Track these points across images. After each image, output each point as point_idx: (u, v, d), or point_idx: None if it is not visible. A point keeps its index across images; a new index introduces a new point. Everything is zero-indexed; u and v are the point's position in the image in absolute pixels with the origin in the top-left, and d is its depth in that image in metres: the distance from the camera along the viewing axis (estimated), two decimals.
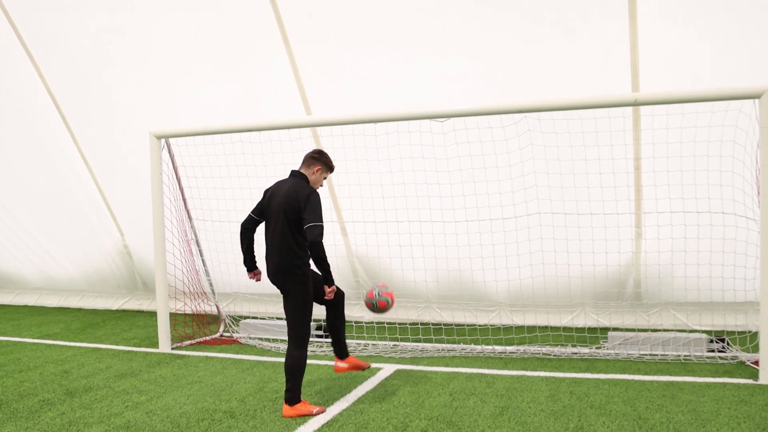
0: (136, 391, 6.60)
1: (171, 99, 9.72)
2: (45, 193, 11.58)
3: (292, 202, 5.72)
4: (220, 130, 8.25)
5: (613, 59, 7.67)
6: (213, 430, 5.35)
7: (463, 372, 6.98)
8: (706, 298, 8.03)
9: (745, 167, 6.99)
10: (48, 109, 10.61)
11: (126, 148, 10.24)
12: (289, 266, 5.74)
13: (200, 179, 9.17)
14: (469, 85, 8.28)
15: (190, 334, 9.20)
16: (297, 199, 5.72)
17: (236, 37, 8.95)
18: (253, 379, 6.92)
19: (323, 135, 8.98)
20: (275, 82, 9.03)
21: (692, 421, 5.22)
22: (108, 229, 11.52)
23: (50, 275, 12.69)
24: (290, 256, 5.74)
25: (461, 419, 5.43)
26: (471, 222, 8.42)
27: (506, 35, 7.94)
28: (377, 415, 5.59)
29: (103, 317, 11.39)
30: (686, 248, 7.70)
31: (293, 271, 5.74)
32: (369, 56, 8.54)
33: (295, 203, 5.71)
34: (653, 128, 7.50)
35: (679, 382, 6.34)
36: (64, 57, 10.08)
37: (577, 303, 8.99)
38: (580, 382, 6.46)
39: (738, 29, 7.24)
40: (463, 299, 9.39)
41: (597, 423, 5.25)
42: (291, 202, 5.73)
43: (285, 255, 5.76)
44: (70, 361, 8.04)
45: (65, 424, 5.59)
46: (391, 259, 9.06)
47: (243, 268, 9.20)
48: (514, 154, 7.95)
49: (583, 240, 8.01)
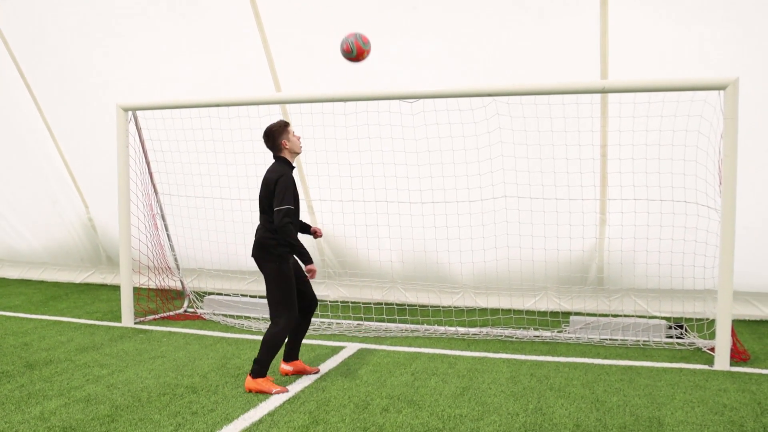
0: (98, 364, 6.57)
1: (141, 72, 9.60)
2: (8, 163, 11.41)
3: (266, 187, 5.85)
4: (188, 104, 8.18)
5: (584, 46, 7.70)
6: (174, 405, 5.35)
7: (425, 352, 7.04)
8: (667, 285, 8.16)
9: (708, 157, 7.09)
10: (14, 80, 10.43)
11: (93, 120, 10.10)
12: (264, 246, 5.85)
13: (167, 153, 9.09)
14: (440, 67, 8.27)
15: (154, 309, 9.16)
16: (269, 184, 5.82)
17: (209, 12, 8.85)
18: (215, 355, 6.91)
19: (292, 113, 8.93)
20: (246, 59, 8.95)
21: (648, 405, 5.32)
22: (72, 202, 11.37)
23: (12, 247, 12.50)
24: (265, 237, 5.86)
25: (422, 398, 5.49)
26: (437, 204, 8.46)
27: (479, 19, 7.94)
28: (339, 393, 5.62)
29: (66, 290, 11.28)
30: (648, 236, 7.81)
31: (267, 250, 5.83)
32: (341, 36, 8.48)
33: (268, 188, 5.83)
34: (620, 116, 7.57)
35: (637, 367, 6.45)
36: (31, 28, 9.90)
37: (541, 287, 9.08)
38: (541, 364, 6.55)
39: (706, 21, 7.31)
40: (427, 280, 9.43)
41: (556, 405, 5.33)
42: (266, 186, 5.85)
43: (261, 235, 5.90)
44: (31, 333, 7.97)
45: (24, 397, 5.55)
46: (357, 239, 9.07)
47: (207, 243, 9.21)
48: (482, 138, 7.97)
49: (548, 225, 8.08)
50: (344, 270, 9.73)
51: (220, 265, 10.04)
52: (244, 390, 5.71)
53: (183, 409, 5.25)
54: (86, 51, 9.79)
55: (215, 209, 9.42)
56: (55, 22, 9.71)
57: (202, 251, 9.66)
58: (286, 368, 6.20)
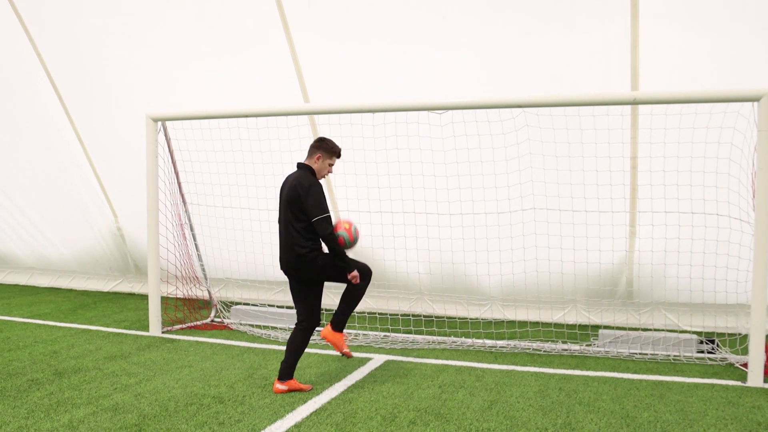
0: (125, 373, 6.59)
1: (170, 83, 9.68)
2: (40, 173, 11.55)
3: (294, 195, 5.85)
4: (218, 114, 8.22)
5: (614, 57, 7.65)
6: (201, 415, 5.35)
7: (452, 365, 6.99)
8: (698, 299, 8.04)
9: (741, 170, 6.99)
10: (46, 91, 10.59)
11: (123, 130, 10.21)
12: (297, 256, 5.91)
13: (196, 164, 9.15)
14: (468, 78, 8.25)
15: (181, 319, 9.19)
16: (298, 192, 5.83)
17: (237, 24, 8.91)
18: (242, 366, 6.91)
19: (321, 123, 8.95)
20: (274, 70, 9.00)
21: (680, 421, 5.23)
22: (102, 211, 11.49)
23: (42, 255, 12.65)
24: (296, 247, 5.91)
25: (450, 412, 5.44)
26: (466, 215, 8.42)
27: (507, 29, 7.92)
28: (366, 405, 5.59)
29: (94, 299, 11.37)
30: (679, 249, 7.71)
31: (301, 260, 5.91)
32: (369, 48, 8.51)
33: (296, 196, 5.84)
34: (651, 128, 7.49)
35: (667, 382, 6.35)
36: (64, 39, 10.04)
37: (569, 300, 9.00)
38: (570, 378, 6.48)
39: (738, 32, 7.23)
40: (455, 292, 9.39)
41: (585, 420, 5.26)
42: (294, 195, 5.86)
43: (291, 247, 5.94)
44: (60, 341, 8.03)
45: (53, 405, 5.58)
46: (385, 250, 9.05)
47: (235, 253, 9.23)
48: (511, 149, 7.93)
49: (577, 237, 8.02)
50: (372, 281, 9.69)
51: (248, 275, 10.07)
52: (270, 401, 5.69)
53: (210, 420, 5.24)
54: (117, 61, 9.90)
55: (243, 219, 9.45)
56: (85, 32, 9.83)
57: (230, 261, 9.69)
58: (281, 387, 5.99)
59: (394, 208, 8.57)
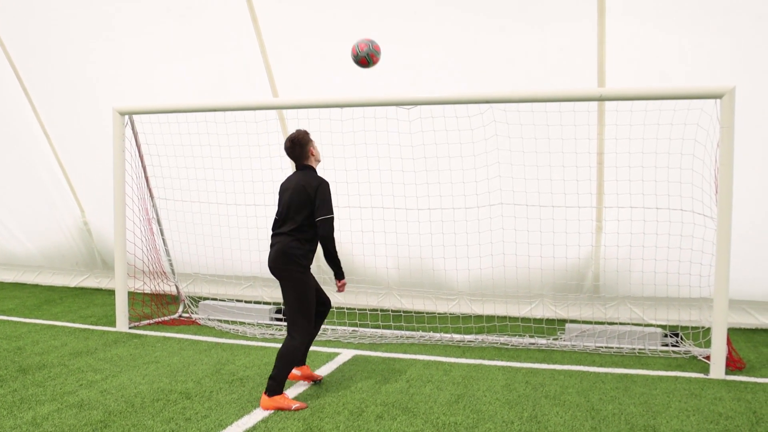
0: (91, 369, 6.54)
1: (137, 77, 9.58)
2: (5, 166, 11.38)
3: (301, 195, 5.66)
4: (185, 108, 8.16)
5: (581, 55, 7.71)
6: (168, 411, 5.32)
7: (420, 359, 7.02)
8: (662, 293, 8.15)
9: (704, 166, 7.09)
10: (11, 83, 10.43)
11: (89, 124, 10.10)
12: (291, 255, 5.60)
13: (164, 158, 9.09)
14: (438, 74, 8.26)
15: (149, 314, 9.13)
16: (306, 191, 5.66)
17: (206, 16, 8.83)
18: (210, 361, 6.89)
19: (289, 118, 8.94)
20: (243, 63, 8.94)
21: (643, 413, 5.31)
22: (68, 205, 11.35)
23: (7, 250, 12.47)
24: (293, 246, 5.63)
25: (417, 406, 5.47)
26: (433, 210, 8.46)
27: (477, 26, 7.94)
28: (333, 400, 5.60)
29: (60, 294, 11.25)
30: (644, 244, 7.80)
31: (294, 260, 5.60)
32: (338, 42, 8.47)
33: (304, 196, 5.65)
34: (617, 124, 7.58)
35: (632, 375, 6.43)
36: (28, 30, 9.89)
37: (536, 294, 9.06)
38: (536, 372, 6.53)
39: (702, 30, 7.33)
40: (423, 287, 9.42)
41: (551, 413, 5.32)
42: (300, 195, 5.67)
43: (287, 244, 5.64)
44: (24, 337, 7.93)
45: (17, 401, 5.52)
46: (353, 245, 9.06)
47: (204, 248, 9.19)
48: (478, 144, 7.99)
49: (544, 232, 8.09)
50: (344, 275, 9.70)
51: (215, 270, 10.02)
52: (237, 396, 5.68)
53: (176, 415, 5.22)
54: (83, 53, 9.77)
55: (211, 214, 9.40)
56: (52, 23, 9.69)
57: (198, 256, 9.65)
58: (295, 372, 6.08)
59: (362, 203, 8.57)
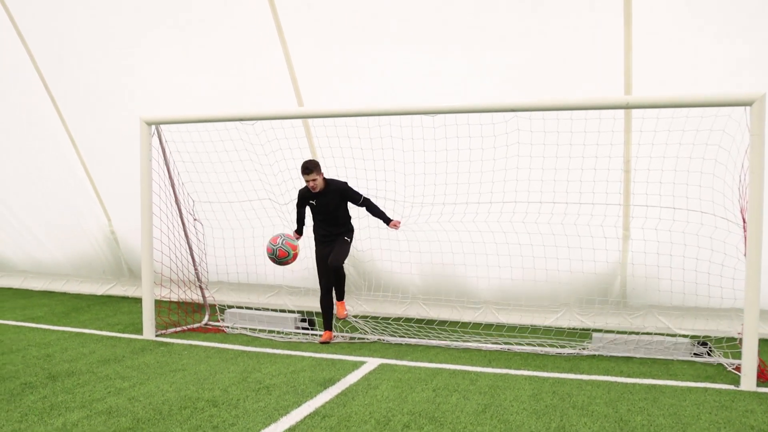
0: (119, 377, 6.58)
1: (164, 87, 9.65)
2: (34, 176, 11.50)
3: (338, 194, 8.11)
4: (211, 118, 8.24)
5: (608, 61, 7.67)
6: (195, 419, 5.34)
7: (446, 368, 6.99)
8: (691, 302, 8.08)
9: (726, 171, 7.06)
10: (38, 93, 10.53)
11: (116, 133, 10.17)
12: (349, 228, 8.32)
13: (188, 164, 9.12)
14: (464, 81, 8.25)
15: (176, 321, 9.18)
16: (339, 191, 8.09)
17: (232, 27, 8.89)
18: (236, 369, 6.91)
19: (314, 125, 8.97)
20: (268, 72, 8.99)
21: (673, 425, 5.25)
22: (95, 215, 11.46)
23: (36, 258, 12.62)
24: (347, 225, 8.32)
25: (444, 415, 5.45)
26: (458, 219, 8.44)
27: (503, 36, 7.92)
28: (360, 409, 5.60)
29: (88, 302, 11.35)
30: (672, 252, 7.74)
31: (350, 231, 8.36)
32: (364, 53, 8.51)
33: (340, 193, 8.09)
34: (641, 130, 7.53)
35: (661, 386, 6.37)
36: (57, 41, 10.00)
37: (562, 303, 9.02)
38: (563, 382, 6.49)
39: (731, 36, 7.26)
40: (448, 295, 9.40)
41: (579, 423, 5.28)
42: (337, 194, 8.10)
43: (342, 224, 8.26)
44: (53, 345, 8.01)
45: (47, 408, 5.57)
46: (380, 251, 9.09)
47: (233, 257, 9.28)
48: (501, 150, 7.94)
49: (570, 236, 8.05)
50: (365, 282, 9.74)
51: (239, 278, 10.06)
52: (264, 404, 5.69)
53: (204, 423, 5.24)
54: (110, 63, 9.85)
55: (237, 222, 9.46)
56: (79, 34, 9.78)
57: (227, 265, 9.70)
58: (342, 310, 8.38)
59: (387, 210, 8.57)
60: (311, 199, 8.12)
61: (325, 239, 8.25)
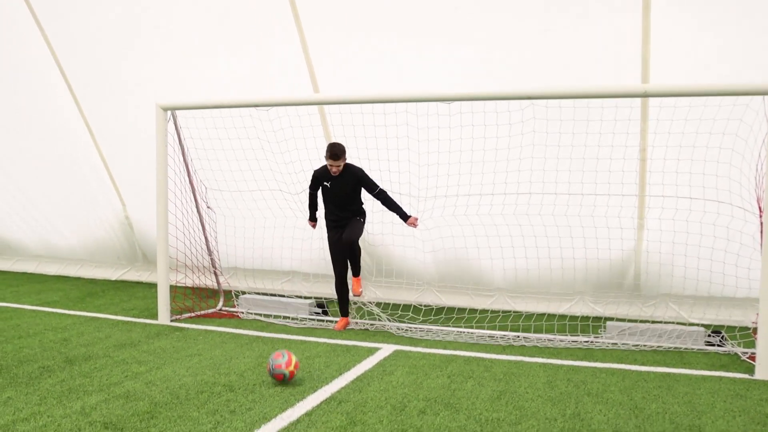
0: (136, 361, 6.63)
1: (180, 73, 9.68)
2: (49, 161, 11.56)
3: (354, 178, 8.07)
4: (227, 104, 8.25)
5: (625, 49, 7.63)
6: (212, 403, 5.38)
7: (461, 355, 7.02)
8: (705, 291, 8.07)
9: (743, 160, 7.04)
10: (55, 79, 10.59)
11: (132, 119, 10.23)
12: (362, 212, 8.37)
13: (202, 151, 9.16)
14: (478, 69, 8.23)
15: (190, 307, 9.23)
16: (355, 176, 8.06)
17: (249, 15, 8.90)
18: (252, 354, 6.95)
19: (330, 113, 8.97)
20: (285, 59, 9.00)
21: (688, 413, 5.26)
22: (110, 200, 11.52)
23: (51, 243, 12.70)
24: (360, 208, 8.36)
25: (459, 401, 5.47)
26: (473, 206, 8.45)
27: (519, 21, 7.90)
28: (376, 395, 5.62)
29: (102, 287, 11.42)
30: (687, 241, 7.73)
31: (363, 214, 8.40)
32: (380, 40, 8.49)
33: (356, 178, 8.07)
34: (658, 119, 7.51)
35: (675, 374, 6.37)
36: (73, 27, 10.04)
37: (577, 291, 9.02)
38: (578, 369, 6.50)
39: (749, 25, 7.22)
40: (463, 282, 9.41)
41: (594, 410, 5.29)
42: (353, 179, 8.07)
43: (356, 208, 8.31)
44: (70, 329, 8.07)
45: (65, 391, 5.62)
46: (393, 237, 9.12)
47: (243, 241, 9.29)
48: (516, 139, 7.94)
49: (585, 225, 8.05)
50: (379, 268, 9.77)
51: (254, 264, 10.11)
52: (280, 390, 5.73)
53: (221, 407, 5.28)
54: (126, 49, 9.90)
55: (252, 208, 9.50)
56: (95, 19, 9.82)
57: (243, 249, 9.75)
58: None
59: (402, 197, 8.58)
60: (326, 181, 8.10)
61: (336, 224, 8.26)
